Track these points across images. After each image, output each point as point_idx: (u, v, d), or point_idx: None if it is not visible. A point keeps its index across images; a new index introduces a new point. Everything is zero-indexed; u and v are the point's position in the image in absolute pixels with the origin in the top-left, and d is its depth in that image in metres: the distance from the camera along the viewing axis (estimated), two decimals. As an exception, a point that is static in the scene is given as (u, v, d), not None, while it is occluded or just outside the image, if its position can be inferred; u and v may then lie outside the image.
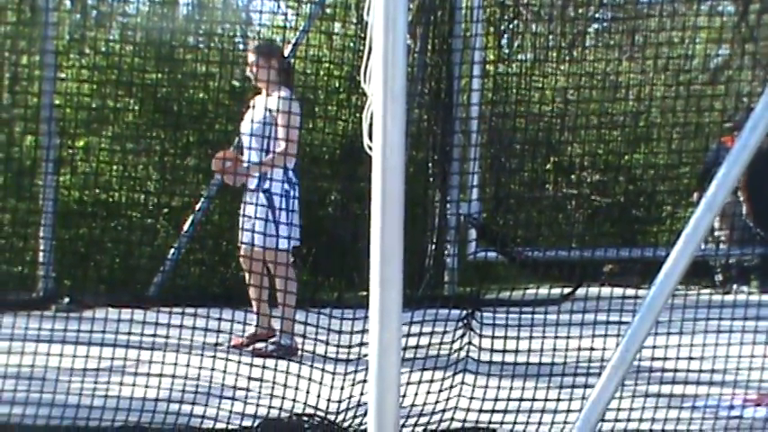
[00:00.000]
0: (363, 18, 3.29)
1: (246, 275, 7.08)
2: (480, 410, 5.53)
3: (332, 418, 5.45)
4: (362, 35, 9.56)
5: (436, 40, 10.16)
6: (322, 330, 6.15)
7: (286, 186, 7.07)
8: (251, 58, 7.29)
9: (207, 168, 9.69)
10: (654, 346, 5.48)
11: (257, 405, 5.54)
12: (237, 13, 11.51)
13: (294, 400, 5.59)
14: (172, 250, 9.38)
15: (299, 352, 6.61)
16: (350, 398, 5.53)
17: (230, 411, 5.45)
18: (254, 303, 7.03)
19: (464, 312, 6.28)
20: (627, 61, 10.51)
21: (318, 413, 5.49)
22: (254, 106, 7.26)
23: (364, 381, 5.17)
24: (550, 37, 11.02)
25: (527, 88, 10.04)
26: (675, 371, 5.75)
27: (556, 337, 5.96)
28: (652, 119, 10.63)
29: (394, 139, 3.11)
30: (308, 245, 9.70)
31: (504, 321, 6.11)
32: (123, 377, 5.78)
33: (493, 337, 5.99)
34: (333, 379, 5.74)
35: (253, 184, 7.12)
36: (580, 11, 11.99)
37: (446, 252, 9.88)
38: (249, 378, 5.73)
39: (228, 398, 5.53)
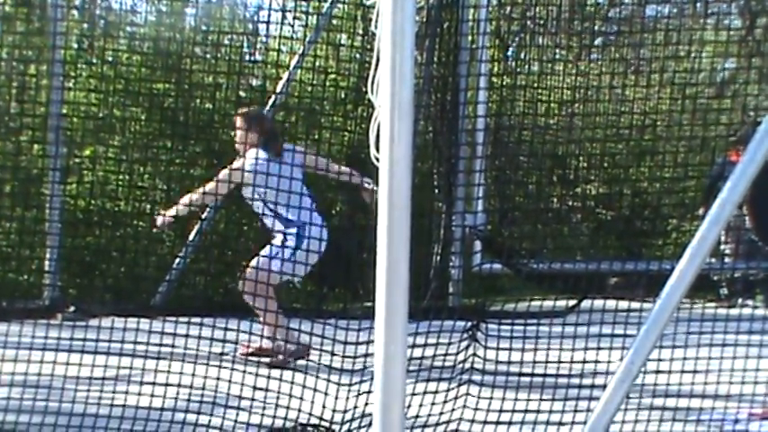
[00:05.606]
0: (369, 30, 3.30)
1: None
2: (485, 422, 5.53)
3: (337, 428, 5.46)
4: (368, 46, 9.60)
5: (442, 52, 10.17)
6: (327, 341, 6.16)
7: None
8: (238, 123, 7.44)
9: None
10: (659, 359, 5.48)
11: (262, 415, 5.54)
12: (244, 24, 11.54)
13: (299, 410, 5.60)
14: (177, 260, 9.38)
15: (309, 355, 6.70)
16: (355, 408, 5.54)
17: (235, 421, 5.46)
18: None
19: (469, 324, 6.29)
20: (633, 74, 10.52)
21: (323, 423, 5.50)
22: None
23: (369, 391, 5.17)
24: (556, 50, 11.03)
25: (533, 101, 10.06)
26: (680, 384, 5.75)
27: (561, 350, 5.96)
28: (658, 132, 10.63)
29: (401, 150, 3.11)
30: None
31: (509, 333, 6.11)
32: (129, 386, 5.79)
33: (498, 349, 5.99)
34: (338, 389, 5.75)
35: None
36: (586, 24, 12.00)
37: (451, 263, 9.88)
38: (255, 388, 5.74)
39: (234, 407, 5.54)
